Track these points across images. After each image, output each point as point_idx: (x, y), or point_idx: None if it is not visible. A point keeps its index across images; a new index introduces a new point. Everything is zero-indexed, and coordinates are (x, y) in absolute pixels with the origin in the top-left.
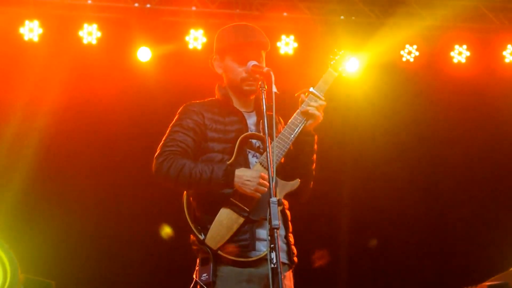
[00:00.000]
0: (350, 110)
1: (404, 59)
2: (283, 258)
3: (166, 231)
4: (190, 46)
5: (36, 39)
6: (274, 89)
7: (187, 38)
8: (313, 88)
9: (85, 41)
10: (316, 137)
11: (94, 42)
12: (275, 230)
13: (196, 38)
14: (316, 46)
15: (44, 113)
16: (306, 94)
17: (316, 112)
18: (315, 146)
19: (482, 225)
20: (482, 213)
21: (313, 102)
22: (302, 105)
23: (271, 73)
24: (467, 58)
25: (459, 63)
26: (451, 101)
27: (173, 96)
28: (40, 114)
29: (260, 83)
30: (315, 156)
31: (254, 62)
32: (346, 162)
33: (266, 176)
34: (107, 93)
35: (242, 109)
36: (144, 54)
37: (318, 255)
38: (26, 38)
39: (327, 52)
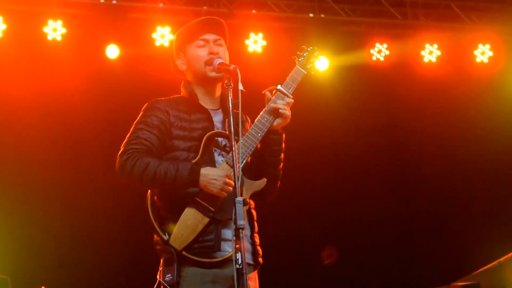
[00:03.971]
0: (320, 108)
1: (374, 57)
2: (248, 258)
3: None
4: (157, 43)
5: None
6: (241, 87)
7: (153, 35)
8: (281, 86)
9: (49, 38)
10: (284, 135)
11: (59, 38)
12: (240, 230)
13: (163, 36)
14: (285, 44)
15: (8, 109)
16: (274, 91)
17: (285, 111)
18: (283, 145)
19: (452, 226)
20: (453, 212)
21: (281, 100)
22: (269, 103)
23: (238, 70)
24: (438, 57)
25: (430, 62)
26: (421, 100)
27: (140, 93)
28: (3, 110)
29: (226, 81)
30: (282, 155)
31: (220, 60)
32: (315, 161)
33: (232, 175)
34: (72, 90)
35: (208, 107)
36: (112, 51)
37: (327, 254)
38: None
39: (296, 50)
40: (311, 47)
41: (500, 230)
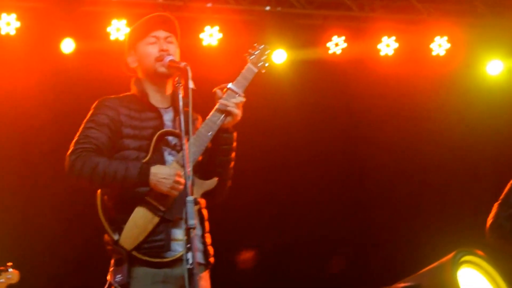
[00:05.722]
0: (277, 102)
1: (331, 51)
2: (200, 258)
3: None
4: (112, 37)
5: None
6: (191, 85)
7: (109, 29)
8: (231, 84)
9: (3, 32)
10: (235, 134)
11: (13, 32)
12: (191, 230)
13: (118, 29)
14: (241, 37)
15: None
16: (225, 90)
17: (234, 110)
18: (234, 144)
19: (400, 226)
20: (404, 212)
21: (232, 99)
22: (220, 101)
23: (188, 68)
24: (395, 50)
25: (387, 55)
26: (378, 94)
27: (97, 88)
28: None
29: (176, 78)
30: (233, 154)
31: (170, 57)
32: (270, 157)
33: (183, 174)
34: (28, 85)
35: (158, 105)
36: (67, 45)
37: (243, 258)
38: None
39: (252, 44)
40: (262, 45)
41: (445, 230)
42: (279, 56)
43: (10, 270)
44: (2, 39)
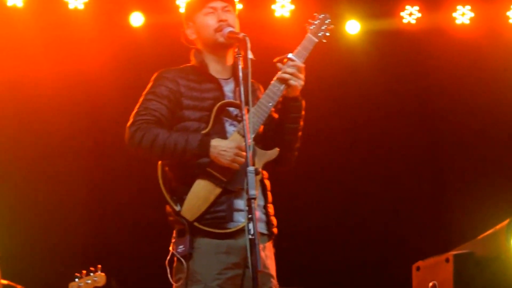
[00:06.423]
0: (351, 75)
1: (405, 20)
2: (262, 228)
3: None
4: (181, 10)
5: (20, 4)
6: (250, 55)
7: (177, 2)
8: (291, 54)
9: (71, 6)
10: (303, 102)
11: (80, 7)
12: (252, 200)
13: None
14: (313, 7)
15: (28, 85)
16: (285, 60)
17: (292, 81)
18: (303, 112)
19: (453, 194)
20: (464, 178)
21: (290, 68)
22: (280, 71)
23: (247, 39)
24: (471, 19)
25: (463, 24)
26: (456, 63)
27: (166, 63)
28: (24, 87)
29: (236, 49)
30: (302, 122)
31: (230, 29)
32: (341, 127)
33: (243, 147)
34: (96, 61)
35: (219, 76)
36: (136, 19)
37: None
38: (9, 3)
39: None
40: (322, 15)
41: (500, 197)
42: (353, 27)
43: (98, 272)
44: (70, 14)
